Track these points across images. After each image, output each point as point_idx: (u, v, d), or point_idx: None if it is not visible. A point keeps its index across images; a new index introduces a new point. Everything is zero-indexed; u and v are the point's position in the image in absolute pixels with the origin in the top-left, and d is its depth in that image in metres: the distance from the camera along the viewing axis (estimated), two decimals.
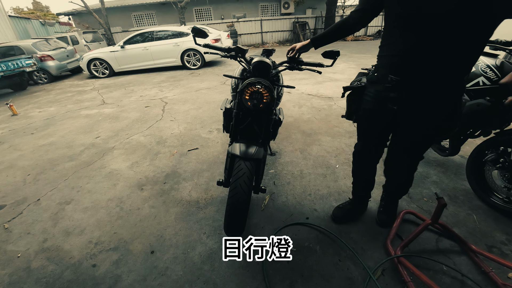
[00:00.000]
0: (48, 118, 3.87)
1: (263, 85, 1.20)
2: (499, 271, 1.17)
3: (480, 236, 1.37)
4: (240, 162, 1.15)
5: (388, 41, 1.00)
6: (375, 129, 1.21)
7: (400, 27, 0.92)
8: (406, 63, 0.94)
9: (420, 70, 0.92)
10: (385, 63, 1.03)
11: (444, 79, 0.91)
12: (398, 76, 0.97)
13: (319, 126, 2.83)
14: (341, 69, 5.72)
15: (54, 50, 7.30)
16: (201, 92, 4.59)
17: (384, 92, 1.04)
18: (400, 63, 0.96)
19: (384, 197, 1.51)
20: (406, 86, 0.98)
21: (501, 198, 1.51)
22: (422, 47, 0.88)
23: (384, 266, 1.23)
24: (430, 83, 0.93)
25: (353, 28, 1.13)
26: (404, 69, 0.96)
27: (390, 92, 1.02)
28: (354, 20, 1.11)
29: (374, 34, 14.42)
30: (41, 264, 1.36)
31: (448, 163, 2.03)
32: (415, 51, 0.90)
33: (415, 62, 0.92)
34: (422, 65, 0.91)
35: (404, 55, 0.94)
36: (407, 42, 0.91)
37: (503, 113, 1.48)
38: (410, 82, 0.96)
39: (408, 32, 0.90)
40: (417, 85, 0.95)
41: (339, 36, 1.19)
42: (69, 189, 2.01)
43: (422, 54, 0.89)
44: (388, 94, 1.03)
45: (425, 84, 0.94)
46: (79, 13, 13.13)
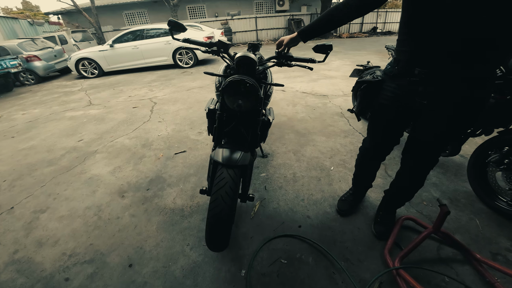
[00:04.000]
0: (31, 120, 3.69)
1: (247, 83, 1.07)
2: (505, 281, 1.08)
3: (483, 243, 1.28)
4: (222, 170, 1.03)
5: (408, 33, 0.90)
6: (387, 125, 1.12)
7: (424, 15, 0.81)
8: (434, 54, 0.84)
9: (449, 60, 0.82)
10: (407, 56, 0.93)
11: (477, 69, 0.81)
12: (425, 68, 0.87)
13: (313, 125, 2.72)
14: (336, 66, 5.61)
15: (41, 50, 7.06)
16: (192, 91, 4.44)
17: (410, 86, 0.94)
18: (426, 54, 0.86)
19: (383, 206, 1.40)
20: (435, 79, 0.87)
21: (506, 202, 1.42)
22: (452, 34, 0.77)
23: (381, 279, 1.12)
24: (461, 74, 0.82)
25: (350, 14, 0.98)
26: (432, 60, 0.85)
27: (418, 86, 0.92)
28: (355, 2, 0.95)
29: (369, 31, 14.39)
30: (10, 277, 1.25)
31: (448, 163, 1.94)
32: (443, 39, 0.79)
33: (444, 52, 0.81)
34: (452, 54, 0.80)
35: (429, 46, 0.83)
36: (432, 31, 0.80)
37: (507, 111, 1.39)
38: (440, 74, 0.86)
39: (435, 18, 0.78)
40: (448, 77, 0.85)
41: (330, 26, 1.05)
42: (45, 196, 1.86)
43: (452, 41, 0.78)
44: (416, 88, 0.93)
45: (456, 76, 0.83)
46: (69, 12, 12.82)
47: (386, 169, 1.90)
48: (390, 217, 1.37)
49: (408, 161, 1.16)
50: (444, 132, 0.97)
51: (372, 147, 1.27)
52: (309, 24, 1.09)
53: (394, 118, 1.08)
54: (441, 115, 0.94)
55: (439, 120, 0.95)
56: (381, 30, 14.81)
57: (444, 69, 0.84)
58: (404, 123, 1.11)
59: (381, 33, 13.78)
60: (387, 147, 1.22)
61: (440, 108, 0.92)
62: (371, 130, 1.24)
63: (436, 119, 0.96)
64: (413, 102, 0.96)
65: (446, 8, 0.75)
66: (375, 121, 1.19)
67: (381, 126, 1.17)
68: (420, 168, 1.12)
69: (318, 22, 1.05)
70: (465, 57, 0.79)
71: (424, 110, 0.97)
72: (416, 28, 0.86)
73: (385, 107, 1.08)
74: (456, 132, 0.98)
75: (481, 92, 0.86)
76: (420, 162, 1.10)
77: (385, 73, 1.09)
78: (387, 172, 1.87)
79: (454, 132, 0.97)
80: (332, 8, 1.02)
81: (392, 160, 1.98)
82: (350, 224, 1.44)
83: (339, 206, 1.52)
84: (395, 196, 1.31)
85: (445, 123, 0.94)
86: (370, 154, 1.30)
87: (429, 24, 0.81)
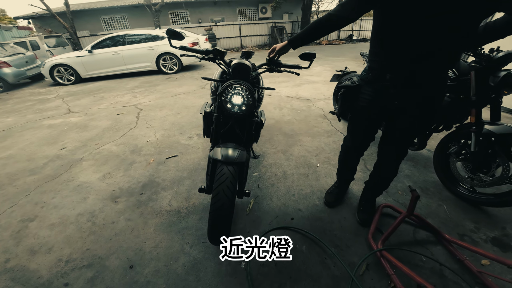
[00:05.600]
0: (4, 129, 3.47)
1: (243, 87, 1.18)
2: (473, 259, 1.25)
3: (452, 226, 1.47)
4: (223, 167, 1.11)
5: (380, 46, 1.07)
6: (368, 124, 1.29)
7: (390, 32, 0.99)
8: (399, 63, 1.02)
9: (412, 67, 1.00)
10: (379, 64, 1.10)
11: (432, 73, 1.00)
12: (394, 73, 1.05)
13: (299, 127, 2.88)
14: (317, 72, 5.93)
15: (10, 56, 6.63)
16: (179, 97, 4.45)
17: (383, 89, 1.11)
18: (393, 63, 1.04)
19: (364, 196, 1.57)
20: (401, 81, 1.05)
21: (466, 188, 1.63)
22: (417, 37, 0.93)
23: (368, 261, 1.26)
24: (421, 77, 1.01)
25: (332, 27, 1.10)
26: (398, 67, 1.03)
27: (389, 88, 1.09)
28: (344, 13, 1.05)
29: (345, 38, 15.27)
30: (5, 285, 1.22)
31: (417, 157, 2.17)
32: (406, 51, 0.97)
33: (407, 61, 0.99)
34: (414, 63, 0.98)
35: (396, 56, 1.01)
36: (396, 44, 0.98)
37: (462, 108, 1.63)
38: (404, 78, 1.03)
39: (401, 35, 0.96)
40: (410, 79, 1.03)
41: (315, 36, 1.17)
42: (32, 205, 1.80)
43: (417, 42, 0.94)
44: (388, 90, 1.09)
45: (416, 78, 1.02)
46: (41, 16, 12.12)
47: (365, 164, 2.10)
48: (371, 206, 1.53)
49: (383, 154, 1.34)
50: (411, 126, 1.16)
51: (352, 144, 1.42)
52: (297, 34, 1.22)
53: (372, 117, 1.25)
54: (408, 113, 1.12)
55: (407, 117, 1.13)
56: (357, 37, 15.80)
57: (406, 74, 1.03)
58: (380, 122, 1.29)
59: (356, 40, 14.71)
60: (366, 143, 1.39)
61: (408, 106, 1.10)
62: (351, 129, 1.40)
63: (405, 116, 1.14)
64: (387, 103, 1.14)
65: (403, 29, 0.94)
66: (355, 121, 1.35)
67: (361, 125, 1.33)
68: (393, 159, 1.30)
69: (305, 32, 1.19)
70: (417, 64, 0.98)
71: (396, 109, 1.14)
72: (385, 42, 1.04)
73: (364, 108, 1.24)
74: (421, 126, 1.17)
75: (432, 92, 1.06)
76: (393, 153, 1.28)
77: (362, 79, 1.25)
78: (366, 167, 2.06)
79: (420, 126, 1.17)
80: (316, 21, 1.16)
81: (370, 156, 2.18)
82: (337, 214, 1.58)
83: (326, 198, 1.66)
84: (374, 185, 1.48)
85: (412, 119, 1.13)
86: (351, 150, 1.46)
87: (394, 39, 0.99)
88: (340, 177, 1.66)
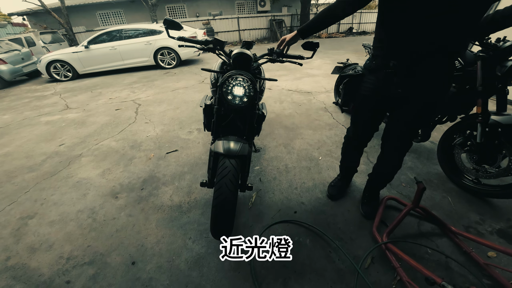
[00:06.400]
0: (1, 127, 3.43)
1: (245, 78, 1.14)
2: (479, 251, 1.23)
3: (457, 218, 1.45)
4: (225, 160, 1.08)
5: (384, 32, 1.03)
6: (372, 115, 1.25)
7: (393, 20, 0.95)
8: (402, 49, 0.98)
9: (416, 54, 0.96)
10: (383, 51, 1.06)
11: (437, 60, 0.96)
12: (396, 60, 1.01)
13: (300, 120, 2.84)
14: (317, 65, 5.85)
15: (6, 53, 6.52)
16: (178, 92, 4.39)
17: (386, 78, 1.07)
18: (397, 49, 1.00)
19: (368, 188, 1.54)
20: (405, 70, 1.01)
21: (471, 180, 1.61)
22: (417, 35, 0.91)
23: (373, 254, 1.24)
24: (425, 65, 0.97)
25: (348, 9, 1.08)
26: (401, 54, 1.00)
27: (393, 77, 1.05)
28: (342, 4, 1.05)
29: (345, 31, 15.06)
30: (6, 284, 1.20)
31: (421, 149, 2.15)
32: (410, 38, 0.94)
33: (410, 48, 0.96)
34: (418, 49, 0.95)
35: (399, 43, 0.98)
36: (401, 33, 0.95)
37: (467, 99, 1.59)
38: (408, 65, 1.00)
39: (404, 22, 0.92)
40: (414, 67, 0.99)
41: (327, 23, 1.15)
42: (31, 202, 1.78)
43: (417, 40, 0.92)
44: (391, 78, 1.06)
45: (420, 66, 0.98)
46: (36, 12, 11.91)
47: (368, 156, 2.07)
48: (375, 198, 1.51)
49: (387, 146, 1.30)
50: (414, 118, 1.12)
51: (355, 135, 1.39)
52: (306, 23, 1.19)
53: (375, 107, 1.21)
54: (412, 103, 1.08)
55: (410, 107, 1.09)
56: (357, 30, 15.57)
57: (408, 63, 0.99)
58: (383, 112, 1.25)
59: (356, 33, 14.48)
60: (369, 134, 1.35)
61: (411, 96, 1.06)
62: (354, 120, 1.36)
63: (408, 106, 1.10)
64: (390, 92, 1.10)
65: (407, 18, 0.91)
66: (358, 111, 1.32)
67: (363, 115, 1.29)
68: (397, 151, 1.27)
69: (313, 22, 1.17)
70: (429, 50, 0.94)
71: (399, 98, 1.10)
72: (389, 28, 1.00)
73: (367, 97, 1.20)
74: (425, 116, 1.13)
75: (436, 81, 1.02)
76: (397, 145, 1.25)
77: (365, 68, 1.22)
78: (369, 159, 2.03)
79: (423, 116, 1.13)
80: (325, 9, 1.13)
81: (373, 148, 2.15)
82: (341, 207, 1.56)
83: (329, 191, 1.64)
84: (378, 178, 1.45)
85: (415, 110, 1.09)
86: (354, 142, 1.42)
87: (398, 26, 0.96)
88: (343, 169, 1.64)
